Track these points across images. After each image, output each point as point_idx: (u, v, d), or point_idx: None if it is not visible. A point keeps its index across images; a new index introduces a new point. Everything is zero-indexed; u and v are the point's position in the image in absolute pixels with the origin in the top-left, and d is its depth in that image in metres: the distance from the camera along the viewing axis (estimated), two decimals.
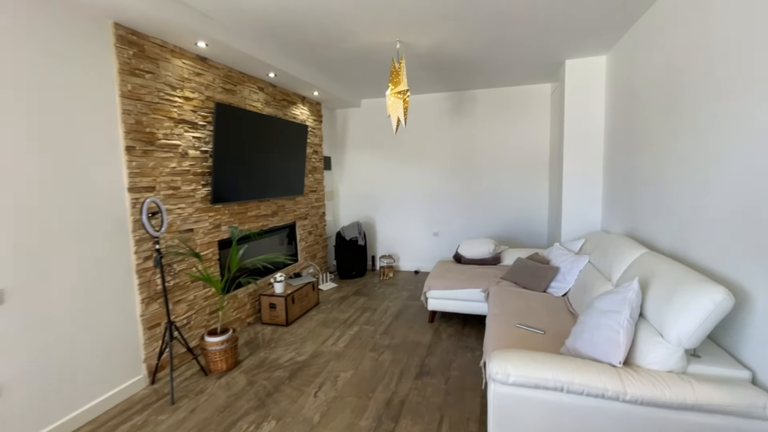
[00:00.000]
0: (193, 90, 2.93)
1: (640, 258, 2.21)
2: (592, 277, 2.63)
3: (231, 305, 3.37)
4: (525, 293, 2.99)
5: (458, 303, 3.39)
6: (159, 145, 2.63)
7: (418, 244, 5.46)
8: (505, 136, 4.94)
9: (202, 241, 3.04)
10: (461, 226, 5.24)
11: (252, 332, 3.43)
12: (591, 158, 3.76)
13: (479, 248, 3.85)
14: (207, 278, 2.64)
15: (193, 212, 2.94)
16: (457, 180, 5.18)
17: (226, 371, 2.74)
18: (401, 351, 2.99)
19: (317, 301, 4.13)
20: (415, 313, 3.81)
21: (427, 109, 5.17)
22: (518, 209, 5.00)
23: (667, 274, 1.83)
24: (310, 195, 4.76)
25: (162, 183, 2.66)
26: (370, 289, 4.66)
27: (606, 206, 3.62)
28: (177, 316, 2.79)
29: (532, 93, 4.80)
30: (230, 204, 3.35)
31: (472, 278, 3.42)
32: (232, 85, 3.35)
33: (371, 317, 3.72)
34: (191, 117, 2.91)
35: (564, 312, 2.62)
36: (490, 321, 2.49)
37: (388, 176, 5.46)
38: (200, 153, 3.00)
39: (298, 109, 4.44)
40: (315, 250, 4.91)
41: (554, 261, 3.24)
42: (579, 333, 1.87)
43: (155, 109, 2.60)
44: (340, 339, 3.24)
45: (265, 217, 3.87)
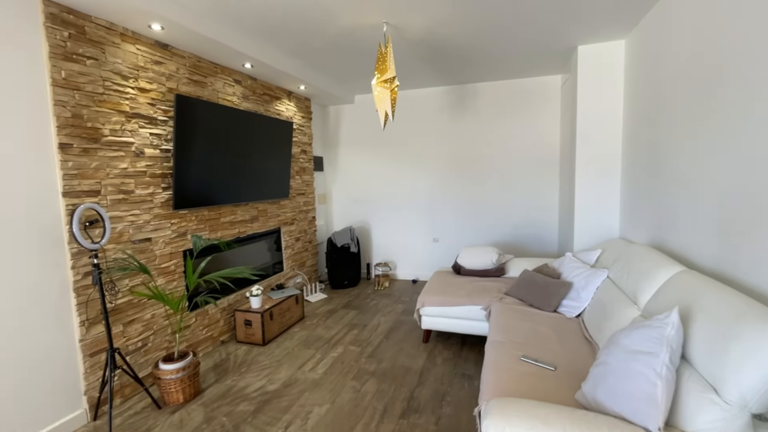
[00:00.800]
0: (151, 80, 2.57)
1: (676, 278, 1.78)
2: (613, 297, 2.20)
3: (200, 323, 3.00)
4: (532, 313, 2.57)
5: (456, 321, 2.98)
6: (105, 143, 2.28)
7: (417, 251, 5.05)
8: (511, 133, 4.52)
9: (163, 251, 2.68)
10: (463, 231, 4.83)
11: (224, 353, 3.06)
12: (607, 156, 3.32)
13: (481, 258, 3.44)
14: (159, 296, 2.27)
15: (150, 219, 2.58)
16: (458, 182, 4.77)
17: (183, 404, 2.37)
18: (388, 379, 2.59)
19: (302, 316, 3.75)
20: (408, 330, 3.40)
21: (425, 104, 4.78)
22: (526, 213, 4.57)
23: (719, 303, 1.40)
24: (297, 198, 4.39)
25: (109, 186, 2.31)
26: (362, 300, 4.27)
27: (625, 210, 3.18)
28: (129, 339, 2.43)
29: (541, 85, 4.37)
30: (199, 209, 2.99)
31: (471, 293, 3.00)
32: (202, 76, 3.00)
33: (359, 335, 3.32)
34: (148, 111, 2.55)
35: (578, 338, 2.19)
36: (490, 351, 2.08)
37: (384, 178, 5.07)
38: (160, 152, 2.64)
39: (283, 105, 4.08)
40: (303, 258, 4.54)
41: (566, 275, 2.81)
42: (601, 377, 1.45)
43: (100, 101, 2.25)
44: (320, 363, 2.85)
45: (243, 223, 3.50)
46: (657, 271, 1.94)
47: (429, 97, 4.75)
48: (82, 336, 2.17)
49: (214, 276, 2.39)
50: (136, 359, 2.49)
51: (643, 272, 2.05)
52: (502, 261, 3.49)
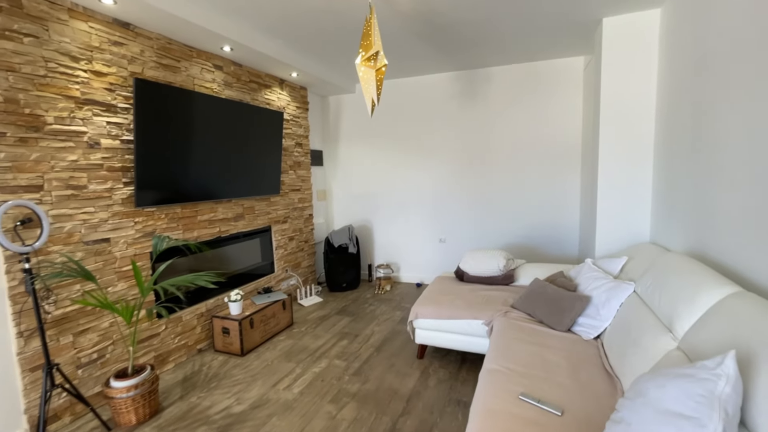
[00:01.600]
0: (109, 63, 2.31)
1: (728, 302, 1.34)
2: (641, 320, 1.77)
3: (171, 330, 2.75)
4: (540, 333, 2.16)
5: (453, 337, 2.60)
6: (49, 132, 2.03)
7: (422, 253, 4.67)
8: (527, 123, 4.06)
9: (125, 253, 2.43)
10: (472, 231, 4.41)
11: (198, 363, 2.80)
12: (636, 145, 2.84)
13: (486, 263, 3.03)
14: (106, 305, 2.01)
15: (108, 218, 2.33)
16: (467, 177, 4.35)
17: (136, 425, 2.11)
18: (370, 404, 2.25)
19: (290, 322, 3.45)
20: (403, 342, 3.05)
21: (432, 93, 4.37)
22: (543, 212, 4.11)
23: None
24: (291, 195, 4.09)
25: (54, 181, 2.06)
26: (359, 306, 3.94)
27: (658, 210, 2.70)
28: (81, 350, 2.19)
29: (561, 69, 3.88)
30: (170, 207, 2.73)
31: (472, 304, 2.61)
32: (173, 60, 2.72)
33: (348, 347, 2.99)
34: (105, 97, 2.29)
35: (595, 368, 1.78)
36: (483, 384, 1.70)
37: (387, 173, 4.70)
38: (121, 143, 2.38)
39: (274, 94, 3.78)
40: (299, 259, 4.25)
41: (584, 286, 2.38)
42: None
43: (42, 85, 1.99)
44: (298, 380, 2.54)
45: (225, 221, 3.23)
46: (701, 291, 1.51)
47: (436, 85, 4.34)
48: (20, 349, 1.93)
49: (167, 284, 2.10)
50: (90, 372, 2.25)
51: (682, 291, 1.62)
52: (511, 267, 3.07)
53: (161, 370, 2.68)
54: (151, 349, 2.61)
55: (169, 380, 2.58)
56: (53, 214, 2.05)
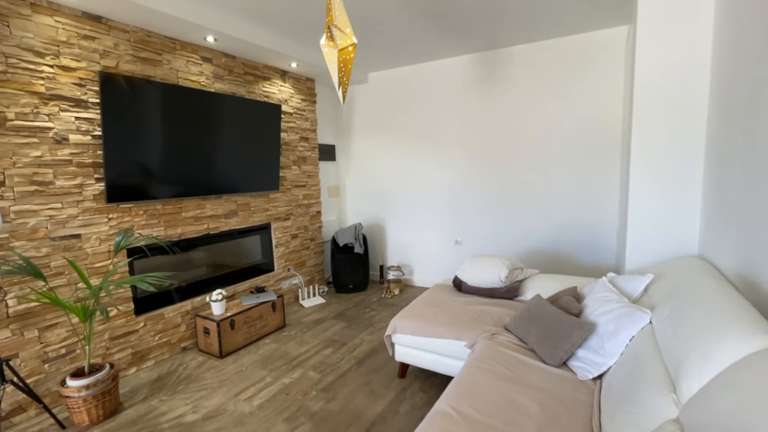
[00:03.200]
0: (78, 58, 2.29)
1: (754, 361, 0.88)
2: (645, 364, 1.31)
3: (151, 328, 2.73)
4: (525, 365, 1.75)
5: (434, 358, 2.25)
6: (10, 128, 2.04)
7: (436, 254, 4.29)
8: (557, 109, 3.49)
9: (98, 250, 2.42)
10: (491, 233, 3.93)
11: (176, 363, 2.75)
12: (683, 135, 2.23)
13: (486, 272, 2.61)
14: (57, 302, 1.97)
15: (78, 214, 2.32)
16: (487, 172, 3.88)
17: (88, 426, 2.07)
18: (325, 428, 1.99)
19: (281, 324, 3.31)
20: (388, 358, 2.74)
21: (447, 79, 3.95)
22: (574, 212, 3.52)
23: None
24: (294, 191, 3.95)
25: (17, 177, 2.07)
26: (360, 310, 3.69)
27: (710, 215, 2.10)
28: (48, 345, 2.21)
29: (598, 42, 3.26)
30: (149, 203, 2.69)
31: (459, 321, 2.24)
32: (154, 53, 2.66)
33: (329, 357, 2.76)
34: (74, 92, 2.27)
35: (576, 425, 1.35)
36: (426, 429, 1.36)
37: (401, 168, 4.37)
38: (92, 139, 2.36)
39: (275, 87, 3.64)
40: (303, 257, 4.11)
41: (590, 309, 1.89)
42: None
43: (2, 81, 2.00)
44: (263, 390, 2.36)
45: (214, 218, 3.15)
46: (721, 339, 1.03)
47: (452, 70, 3.91)
48: None
49: (115, 282, 2.02)
50: (59, 367, 2.26)
51: (698, 333, 1.14)
52: (517, 278, 2.62)
53: (139, 367, 2.67)
54: (128, 345, 2.60)
55: (143, 378, 2.56)
56: (15, 210, 2.07)
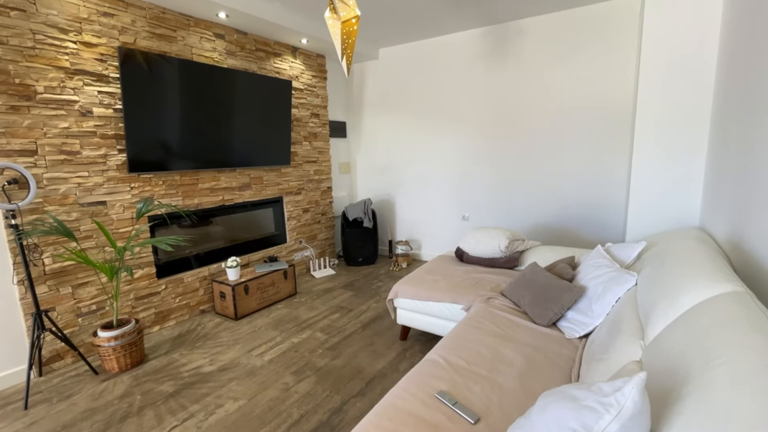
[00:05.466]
0: (99, 34, 2.42)
1: (710, 303, 0.95)
2: (623, 318, 1.39)
3: (172, 290, 2.94)
4: (515, 325, 1.84)
5: (432, 321, 2.37)
6: (40, 101, 2.20)
7: (444, 230, 4.37)
8: (567, 84, 3.45)
9: (122, 216, 2.61)
10: (498, 209, 3.97)
11: (195, 323, 2.97)
12: (688, 108, 2.22)
13: (486, 242, 2.69)
14: (86, 260, 2.17)
15: (103, 182, 2.50)
16: (496, 149, 3.89)
17: (118, 373, 2.30)
18: (329, 380, 2.16)
19: (293, 292, 3.49)
20: (392, 323, 2.88)
21: (456, 53, 3.93)
22: (583, 188, 3.52)
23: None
24: (305, 166, 4.07)
25: (47, 147, 2.25)
26: (368, 281, 3.84)
27: (711, 187, 2.10)
28: (80, 301, 2.43)
29: (611, 13, 3.18)
30: (168, 173, 2.86)
31: (457, 287, 2.34)
32: (169, 29, 2.77)
33: (336, 321, 2.92)
34: (96, 67, 2.42)
35: (556, 375, 1.45)
36: (411, 374, 1.49)
37: (410, 144, 4.42)
38: (114, 112, 2.52)
39: (286, 63, 3.71)
40: (314, 231, 4.26)
41: (583, 275, 1.96)
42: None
43: (31, 56, 2.15)
44: (273, 348, 2.54)
45: (229, 190, 3.31)
46: (687, 287, 1.10)
47: (461, 44, 3.89)
48: (21, 295, 2.20)
49: (138, 244, 2.21)
50: (91, 321, 2.49)
51: (669, 286, 1.21)
52: (517, 249, 2.68)
53: (162, 326, 2.89)
54: (151, 305, 2.82)
55: (165, 336, 2.78)
56: (48, 177, 2.25)
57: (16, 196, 2.12)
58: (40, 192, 2.23)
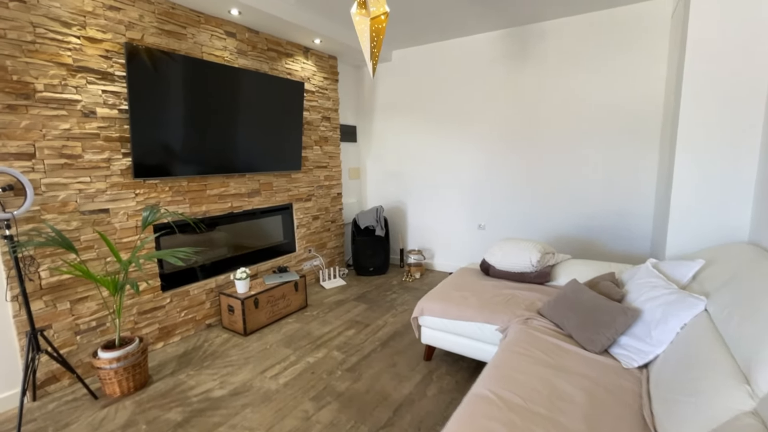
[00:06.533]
0: (104, 29, 2.24)
1: None
2: (708, 353, 1.23)
3: (177, 304, 2.75)
4: (564, 351, 1.67)
5: (463, 341, 2.20)
6: (40, 99, 2.02)
7: (458, 239, 4.21)
8: (591, 88, 3.31)
9: (125, 225, 2.42)
10: (516, 218, 3.82)
11: (202, 339, 2.78)
12: (737, 113, 2.08)
13: (516, 256, 2.52)
14: (87, 274, 1.98)
15: (106, 188, 2.32)
16: (514, 155, 3.74)
17: (119, 398, 2.10)
18: (353, 407, 1.97)
19: (303, 304, 3.30)
20: (413, 340, 2.71)
21: (474, 57, 3.79)
22: (607, 198, 3.38)
23: None
24: (316, 172, 3.90)
25: (47, 150, 2.06)
26: (381, 293, 3.66)
27: (765, 200, 1.95)
28: (79, 317, 2.24)
29: (638, 16, 3.05)
30: (175, 179, 2.67)
31: (489, 304, 2.17)
32: (178, 26, 2.60)
33: (353, 338, 2.74)
34: (100, 65, 2.24)
35: (627, 413, 1.28)
36: (460, 415, 1.31)
37: (423, 149, 4.26)
38: (119, 113, 2.34)
39: (297, 64, 3.55)
40: (324, 239, 4.08)
41: (634, 295, 1.80)
42: None
43: (30, 51, 1.97)
44: (288, 369, 2.36)
45: (238, 196, 3.13)
46: None
47: (479, 47, 3.75)
48: (15, 312, 2.00)
49: (144, 256, 2.02)
50: (90, 339, 2.30)
51: None
52: (548, 263, 2.52)
53: (166, 342, 2.70)
54: (155, 320, 2.62)
55: (170, 353, 2.59)
56: (46, 183, 2.07)
57: (11, 203, 1.94)
58: (37, 199, 2.04)
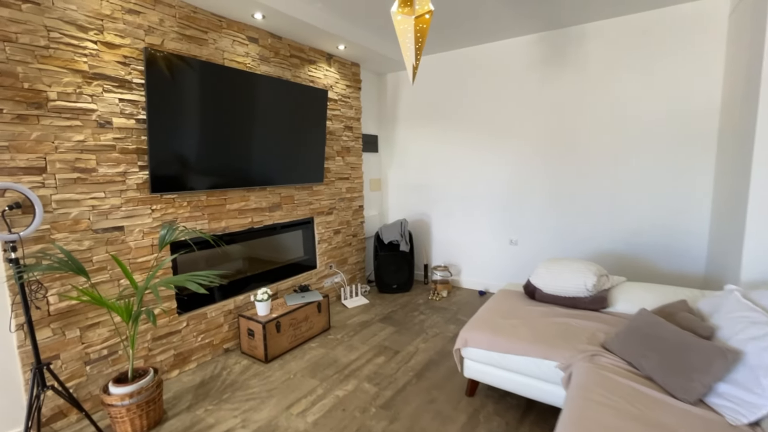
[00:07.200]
0: (123, 34, 2.09)
1: None
2: None
3: (194, 328, 2.54)
4: (650, 400, 1.42)
5: (514, 378, 1.95)
6: (52, 109, 1.86)
7: (487, 254, 3.95)
8: (636, 95, 3.08)
9: (141, 243, 2.24)
10: (552, 233, 3.56)
11: (220, 366, 2.56)
12: None
13: (568, 279, 2.27)
14: (99, 301, 1.79)
15: (122, 204, 2.14)
16: (549, 166, 3.50)
17: None
18: None
19: (327, 326, 3.08)
20: (451, 370, 2.46)
21: (505, 62, 3.59)
22: (653, 212, 3.11)
23: None
24: (338, 183, 3.70)
25: (58, 163, 1.89)
26: (407, 313, 3.42)
27: None
28: (90, 346, 2.04)
29: (690, 17, 2.82)
30: (193, 193, 2.49)
31: (544, 336, 1.92)
32: (200, 31, 2.45)
33: (384, 366, 2.50)
34: (118, 72, 2.08)
35: None
36: None
37: (450, 160, 4.05)
38: (136, 123, 2.17)
39: (320, 71, 3.38)
40: (345, 254, 3.87)
41: (727, 331, 1.54)
42: None
43: (43, 57, 1.82)
44: (316, 404, 2.12)
45: (259, 211, 2.94)
46: None
47: (512, 52, 3.55)
48: (20, 342, 1.81)
49: (162, 282, 1.82)
50: (101, 369, 2.10)
51: None
52: (604, 287, 2.27)
53: (182, 369, 2.49)
54: (170, 347, 2.42)
55: (186, 383, 2.37)
56: (57, 199, 1.89)
57: (18, 222, 1.76)
58: (47, 217, 1.86)
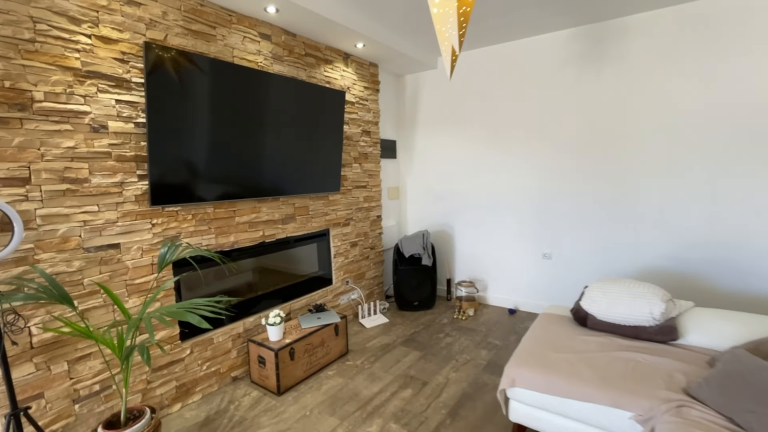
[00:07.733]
0: (121, 27, 1.86)
1: None
2: None
3: (199, 355, 2.28)
4: None
5: (575, 426, 1.63)
6: (38, 111, 1.63)
7: (518, 269, 3.63)
8: (687, 93, 2.75)
9: (139, 263, 1.99)
10: (590, 246, 3.23)
11: (227, 398, 2.29)
12: None
13: (629, 306, 1.94)
14: (87, 334, 1.53)
15: (117, 218, 1.90)
16: (586, 171, 3.18)
17: None
18: None
19: (344, 350, 2.79)
20: (489, 407, 2.14)
21: (537, 60, 3.29)
22: (711, 224, 2.77)
23: None
24: (354, 192, 3.43)
25: (44, 172, 1.65)
26: (432, 334, 3.11)
27: None
28: (79, 381, 1.79)
29: (752, 4, 2.50)
30: (200, 205, 2.24)
31: (612, 378, 1.60)
32: (207, 26, 2.22)
33: (411, 402, 2.20)
34: (115, 70, 1.85)
35: None
36: None
37: (475, 167, 3.75)
38: (135, 127, 1.93)
39: (337, 71, 3.14)
40: (362, 268, 3.58)
41: None
42: None
43: (28, 52, 1.59)
44: None
45: (271, 224, 2.68)
46: None
47: (544, 49, 3.25)
48: None
49: (156, 313, 1.55)
50: (91, 408, 1.84)
51: None
52: (672, 314, 1.93)
53: (184, 402, 2.22)
54: (172, 377, 2.15)
55: (189, 419, 2.10)
56: (43, 214, 1.65)
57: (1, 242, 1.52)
58: (30, 235, 1.62)
